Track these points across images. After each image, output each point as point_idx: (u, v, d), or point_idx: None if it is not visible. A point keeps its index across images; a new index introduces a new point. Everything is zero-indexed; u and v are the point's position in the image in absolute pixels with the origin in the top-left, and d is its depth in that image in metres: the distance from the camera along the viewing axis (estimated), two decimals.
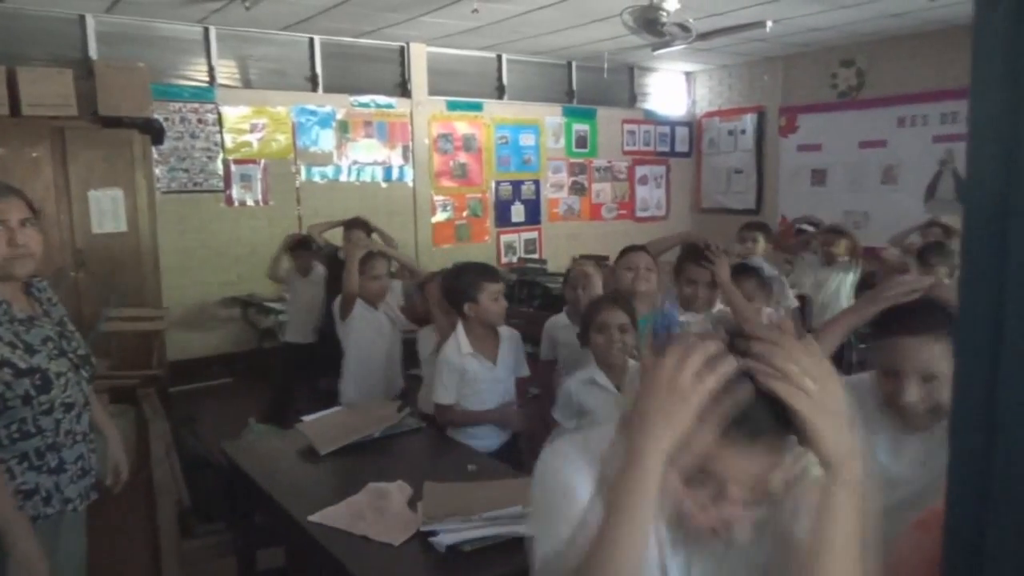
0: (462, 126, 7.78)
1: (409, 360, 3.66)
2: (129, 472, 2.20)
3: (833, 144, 7.94)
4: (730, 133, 9.03)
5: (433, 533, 1.87)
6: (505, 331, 2.91)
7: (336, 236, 5.39)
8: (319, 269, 5.12)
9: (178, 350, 6.23)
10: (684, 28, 4.87)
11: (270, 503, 2.27)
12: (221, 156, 6.51)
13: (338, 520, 1.97)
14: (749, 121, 8.79)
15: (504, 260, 8.13)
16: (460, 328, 2.78)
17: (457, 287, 2.81)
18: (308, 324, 5.01)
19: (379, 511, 1.99)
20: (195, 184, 6.41)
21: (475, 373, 2.76)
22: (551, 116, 8.39)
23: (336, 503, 2.10)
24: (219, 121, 6.48)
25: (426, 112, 7.53)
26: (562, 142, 8.50)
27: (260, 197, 6.73)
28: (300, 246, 5.18)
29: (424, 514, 1.93)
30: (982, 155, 0.66)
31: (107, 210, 5.49)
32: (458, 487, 2.11)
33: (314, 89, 7.03)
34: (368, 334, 3.50)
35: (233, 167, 6.57)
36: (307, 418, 2.71)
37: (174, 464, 2.66)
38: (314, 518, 1.99)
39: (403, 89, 7.46)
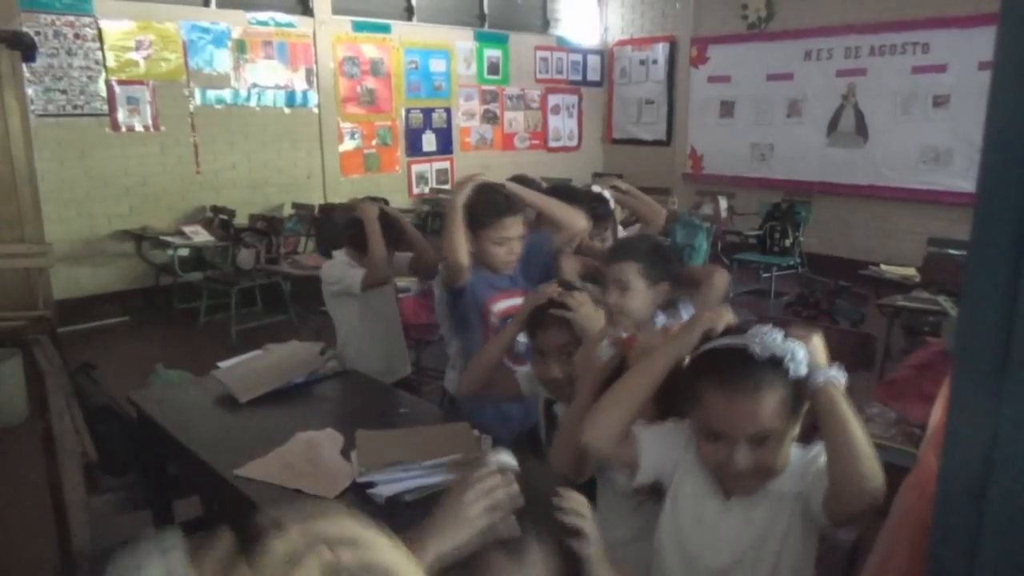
0: (369, 49, 7.40)
1: None
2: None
3: (742, 76, 8.04)
4: (642, 63, 8.99)
5: (370, 484, 1.79)
6: None
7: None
8: None
9: (65, 288, 5.80)
10: None
11: (187, 456, 2.13)
12: (103, 76, 5.95)
13: (267, 473, 1.87)
14: (661, 51, 8.76)
15: (415, 191, 7.92)
16: None
17: None
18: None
19: (311, 462, 1.90)
20: (75, 107, 5.85)
21: None
22: (462, 41, 8.09)
23: (260, 455, 1.98)
24: (99, 37, 5.89)
25: (330, 32, 7.10)
26: (473, 68, 8.24)
27: (150, 122, 6.22)
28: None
29: (360, 465, 1.85)
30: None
31: None
32: (392, 434, 2.03)
33: (206, 4, 6.48)
34: None
35: (118, 88, 6.02)
36: (223, 364, 2.55)
37: (76, 415, 2.45)
38: (241, 472, 1.88)
39: (304, 7, 6.99)
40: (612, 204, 2.80)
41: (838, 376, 1.18)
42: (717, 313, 1.32)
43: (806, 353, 1.19)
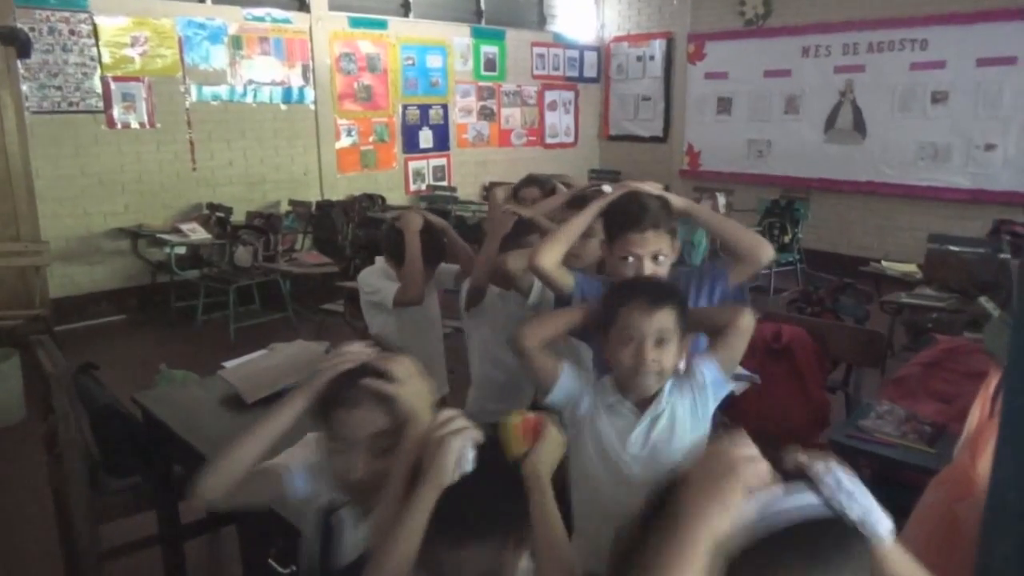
0: (366, 45, 7.36)
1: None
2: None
3: (739, 73, 8.03)
4: (638, 59, 8.97)
5: None
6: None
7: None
8: None
9: (61, 286, 5.76)
10: None
11: (195, 457, 2.11)
12: (99, 72, 5.89)
13: None
14: (657, 47, 8.74)
15: (412, 188, 7.90)
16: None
17: None
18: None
19: None
20: (70, 104, 5.79)
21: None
22: (459, 37, 8.06)
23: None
24: (94, 33, 5.84)
25: (327, 28, 7.06)
26: (470, 64, 8.21)
27: (146, 119, 6.17)
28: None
29: None
30: None
31: None
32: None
33: (201, 0, 6.43)
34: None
35: (113, 85, 5.97)
36: (228, 364, 2.52)
37: (79, 416, 2.43)
38: None
39: (301, 3, 6.95)
40: None
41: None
42: (753, 457, 0.83)
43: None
